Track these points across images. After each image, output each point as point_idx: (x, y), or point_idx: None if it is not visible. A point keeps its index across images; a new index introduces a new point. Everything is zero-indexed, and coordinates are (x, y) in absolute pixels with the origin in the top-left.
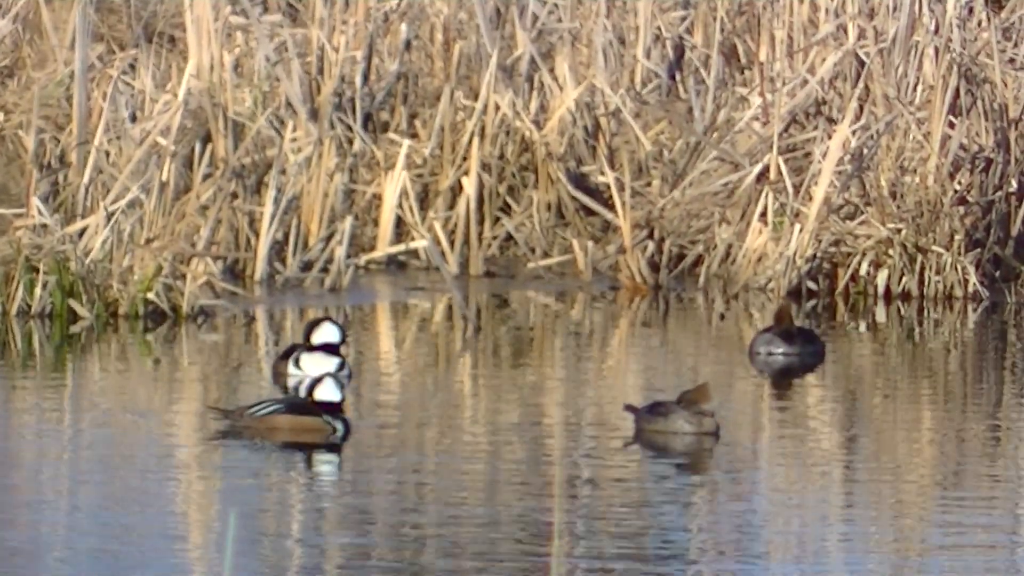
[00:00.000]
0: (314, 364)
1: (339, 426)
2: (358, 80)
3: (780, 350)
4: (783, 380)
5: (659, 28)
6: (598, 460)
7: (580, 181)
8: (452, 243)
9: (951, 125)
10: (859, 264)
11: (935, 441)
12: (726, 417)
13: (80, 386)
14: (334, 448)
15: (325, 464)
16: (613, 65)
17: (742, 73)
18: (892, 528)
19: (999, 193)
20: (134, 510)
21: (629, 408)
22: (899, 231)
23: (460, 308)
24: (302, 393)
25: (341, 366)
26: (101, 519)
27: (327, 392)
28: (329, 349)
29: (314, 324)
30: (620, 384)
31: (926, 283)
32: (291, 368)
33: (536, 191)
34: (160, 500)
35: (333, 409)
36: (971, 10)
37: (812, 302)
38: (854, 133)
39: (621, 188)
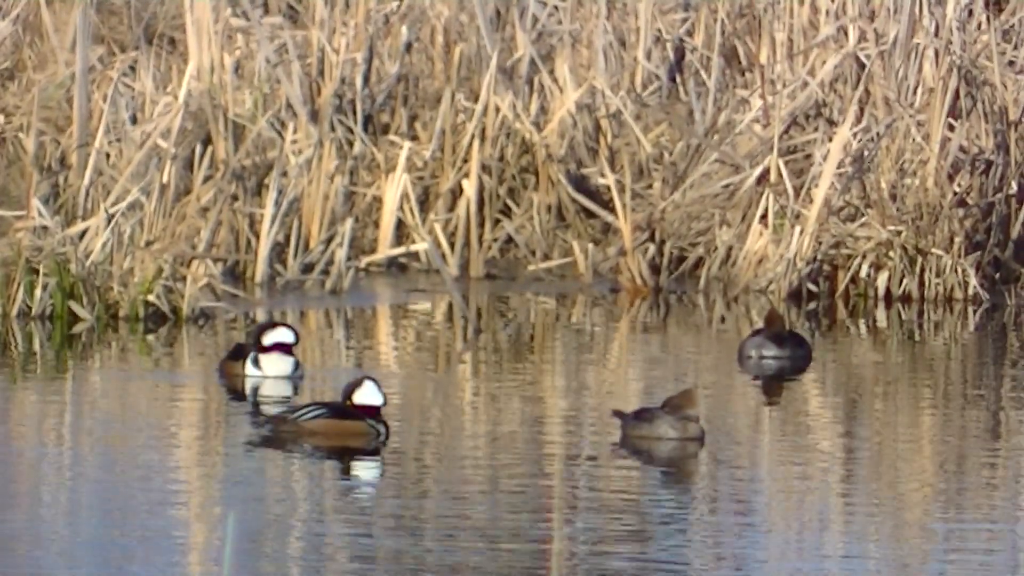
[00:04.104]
0: (272, 364)
1: (381, 430)
2: (359, 82)
3: (771, 353)
4: (778, 383)
5: (659, 30)
6: (598, 463)
7: (580, 183)
8: (452, 245)
9: (951, 127)
10: (859, 266)
11: (934, 443)
12: (727, 419)
13: (80, 388)
14: (335, 449)
15: (323, 466)
16: (613, 67)
17: (743, 75)
18: (891, 532)
19: (999, 195)
20: (135, 511)
21: (617, 414)
22: (899, 233)
23: (460, 310)
24: (266, 393)
25: (296, 366)
26: (102, 520)
27: (368, 396)
28: (283, 349)
29: (265, 327)
30: (620, 387)
31: (926, 285)
32: (250, 369)
33: (536, 193)
34: (161, 501)
35: (374, 413)
36: (971, 13)
37: (812, 304)
38: (854, 135)
39: (622, 190)
